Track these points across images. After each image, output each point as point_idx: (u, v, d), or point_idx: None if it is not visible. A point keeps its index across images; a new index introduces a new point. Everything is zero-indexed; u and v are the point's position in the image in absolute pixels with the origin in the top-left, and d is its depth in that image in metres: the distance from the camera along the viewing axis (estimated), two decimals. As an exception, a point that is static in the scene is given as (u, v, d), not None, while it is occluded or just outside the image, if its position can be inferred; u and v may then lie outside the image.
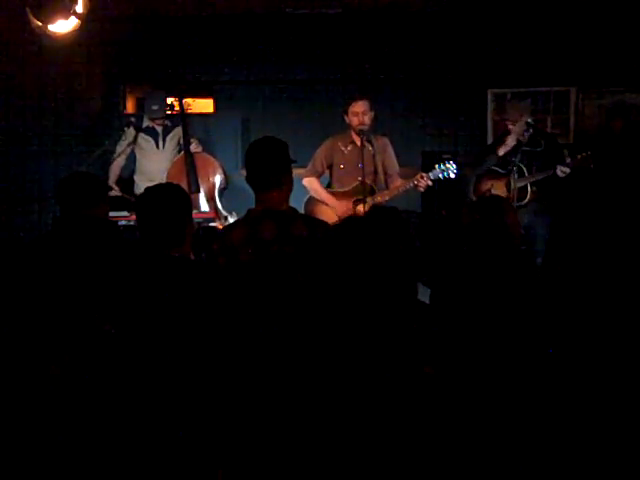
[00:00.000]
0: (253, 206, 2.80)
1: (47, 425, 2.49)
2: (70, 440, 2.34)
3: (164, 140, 5.18)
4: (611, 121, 5.41)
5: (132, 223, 4.19)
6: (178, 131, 5.19)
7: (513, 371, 2.27)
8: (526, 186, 4.82)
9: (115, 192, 4.88)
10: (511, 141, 4.81)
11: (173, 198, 2.43)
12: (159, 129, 5.17)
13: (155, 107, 5.08)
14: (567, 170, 4.70)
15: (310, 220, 2.89)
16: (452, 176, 4.56)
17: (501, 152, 4.84)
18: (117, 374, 2.26)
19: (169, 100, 5.34)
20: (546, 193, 4.91)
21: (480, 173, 5.04)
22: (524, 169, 4.83)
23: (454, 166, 4.54)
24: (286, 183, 2.77)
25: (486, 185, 4.95)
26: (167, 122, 5.21)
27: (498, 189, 4.89)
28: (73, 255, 2.94)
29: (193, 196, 4.99)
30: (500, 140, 4.96)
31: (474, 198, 5.04)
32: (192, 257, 2.71)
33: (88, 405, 2.30)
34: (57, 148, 5.83)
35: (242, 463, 2.13)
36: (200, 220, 4.69)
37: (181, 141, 5.18)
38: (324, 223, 2.89)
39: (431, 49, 6.19)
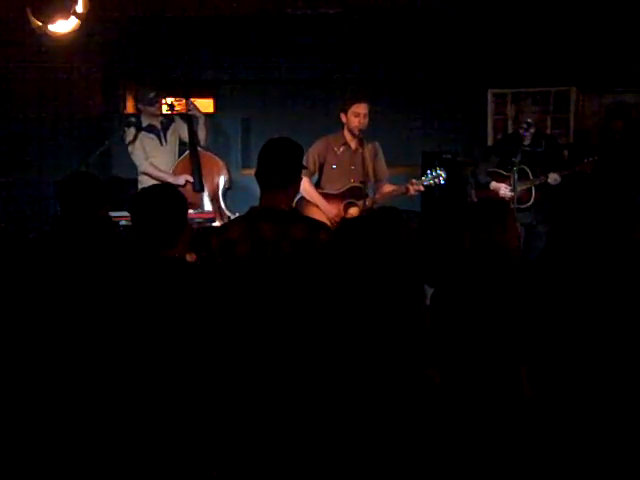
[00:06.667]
0: (256, 205, 2.80)
1: (46, 426, 2.49)
2: (68, 439, 2.34)
3: (165, 136, 5.20)
4: (611, 121, 5.39)
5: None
6: (175, 127, 5.24)
7: (511, 374, 2.27)
8: (530, 188, 4.86)
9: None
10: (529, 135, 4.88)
11: (168, 199, 2.42)
12: (159, 126, 5.18)
13: (151, 95, 5.10)
14: (558, 179, 4.79)
15: (310, 221, 2.87)
16: (442, 183, 4.56)
17: (526, 142, 4.88)
18: (113, 373, 2.26)
19: (169, 100, 5.35)
20: (549, 196, 4.94)
21: (482, 174, 5.07)
22: (528, 171, 4.85)
23: (444, 174, 4.54)
24: (291, 186, 2.79)
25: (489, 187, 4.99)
26: (162, 118, 5.24)
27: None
28: (72, 255, 2.94)
29: (197, 195, 5.03)
30: (514, 137, 5.00)
31: (475, 199, 5.05)
32: (189, 259, 2.71)
33: (85, 405, 2.30)
34: (57, 148, 5.83)
35: (240, 463, 2.13)
36: (201, 220, 4.69)
37: (181, 137, 5.22)
38: (324, 225, 2.88)
39: (431, 49, 6.18)
